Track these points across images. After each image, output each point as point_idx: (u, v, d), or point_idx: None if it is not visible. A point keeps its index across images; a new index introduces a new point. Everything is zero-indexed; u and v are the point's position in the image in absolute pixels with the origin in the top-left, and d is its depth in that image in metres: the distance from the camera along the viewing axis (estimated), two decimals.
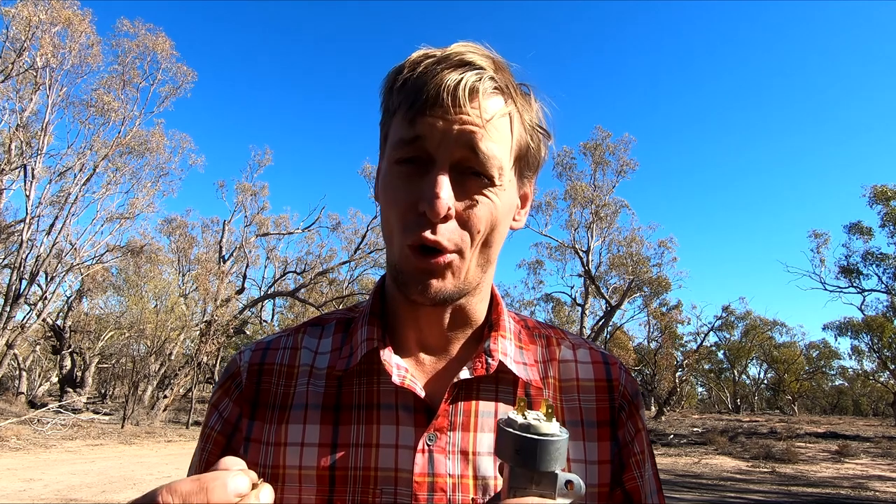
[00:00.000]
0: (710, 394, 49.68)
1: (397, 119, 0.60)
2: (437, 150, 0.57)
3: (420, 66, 0.58)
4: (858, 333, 28.38)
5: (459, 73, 0.56)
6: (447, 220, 0.57)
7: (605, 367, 0.69)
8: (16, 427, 12.80)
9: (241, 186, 25.28)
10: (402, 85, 0.59)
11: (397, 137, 0.59)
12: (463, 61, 0.57)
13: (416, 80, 0.57)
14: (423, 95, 0.56)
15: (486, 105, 0.58)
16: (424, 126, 0.57)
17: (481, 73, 0.58)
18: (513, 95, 0.60)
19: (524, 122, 0.62)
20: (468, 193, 0.58)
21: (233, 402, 0.66)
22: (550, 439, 0.40)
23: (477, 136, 0.57)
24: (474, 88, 0.57)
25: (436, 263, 0.58)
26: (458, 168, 0.58)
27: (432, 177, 0.56)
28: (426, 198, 0.56)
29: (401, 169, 0.59)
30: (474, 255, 0.61)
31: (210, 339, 19.54)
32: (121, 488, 7.97)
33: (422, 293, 0.59)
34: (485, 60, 0.59)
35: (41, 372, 26.34)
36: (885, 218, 20.90)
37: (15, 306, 15.12)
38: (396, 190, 0.59)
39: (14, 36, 14.37)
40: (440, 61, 0.58)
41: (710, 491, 9.57)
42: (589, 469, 0.63)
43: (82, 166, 16.67)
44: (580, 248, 24.60)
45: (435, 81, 0.56)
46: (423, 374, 0.66)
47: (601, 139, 24.47)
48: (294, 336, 0.70)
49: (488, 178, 0.58)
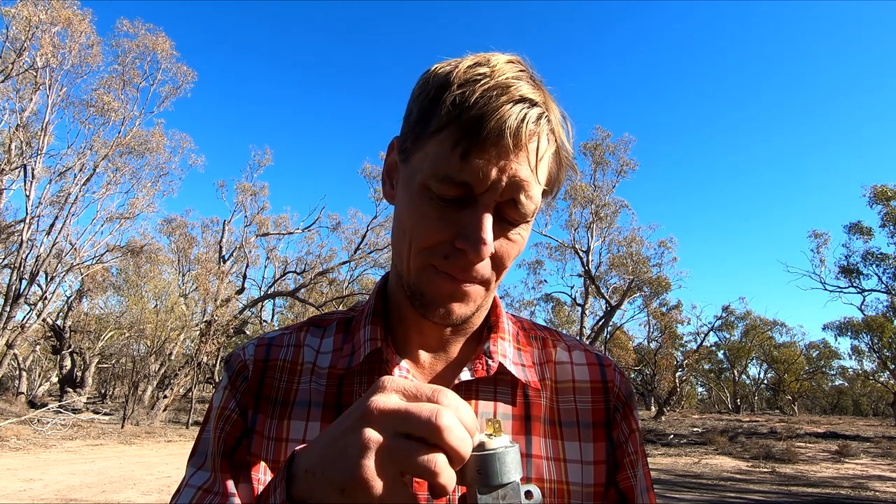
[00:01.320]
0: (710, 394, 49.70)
1: (442, 143, 0.55)
2: (484, 193, 0.55)
3: (476, 91, 0.53)
4: (858, 333, 28.41)
5: (520, 109, 0.54)
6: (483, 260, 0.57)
7: (600, 369, 0.70)
8: (16, 427, 12.80)
9: (241, 186, 25.31)
10: (454, 105, 0.54)
11: (443, 171, 0.54)
12: (524, 96, 0.54)
13: (474, 108, 0.53)
14: (483, 132, 0.52)
15: (539, 147, 0.56)
16: (477, 168, 0.53)
17: (541, 112, 0.56)
18: (555, 131, 0.59)
19: (562, 158, 0.61)
20: (504, 232, 0.58)
21: (241, 394, 0.66)
22: (506, 450, 0.42)
23: (525, 185, 0.55)
24: (534, 131, 0.55)
25: (461, 289, 0.58)
26: (499, 208, 0.57)
27: (477, 217, 0.55)
28: (470, 240, 0.54)
29: (439, 200, 0.56)
30: (497, 285, 0.63)
31: (210, 339, 19.54)
32: (121, 488, 7.98)
33: (444, 318, 0.59)
34: (537, 93, 0.56)
35: (41, 372, 26.35)
36: (885, 218, 20.92)
37: (15, 306, 15.12)
38: (430, 220, 0.57)
39: (14, 36, 14.39)
40: (496, 88, 0.54)
41: (710, 491, 9.57)
42: (585, 469, 0.64)
43: (82, 166, 16.69)
44: (580, 248, 24.61)
45: (496, 117, 0.52)
46: (423, 374, 0.66)
47: (601, 139, 24.48)
48: (297, 334, 0.71)
49: (525, 221, 0.59)
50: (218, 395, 0.66)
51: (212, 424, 0.64)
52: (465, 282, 0.58)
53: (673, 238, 25.41)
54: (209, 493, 0.59)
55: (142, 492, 7.85)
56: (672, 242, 25.05)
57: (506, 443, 0.43)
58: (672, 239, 25.18)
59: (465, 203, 0.56)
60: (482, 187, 0.54)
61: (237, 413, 0.64)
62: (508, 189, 0.55)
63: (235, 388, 0.66)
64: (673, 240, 25.17)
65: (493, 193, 0.55)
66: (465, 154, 0.53)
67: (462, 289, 0.58)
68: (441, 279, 0.57)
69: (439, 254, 0.57)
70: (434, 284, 0.58)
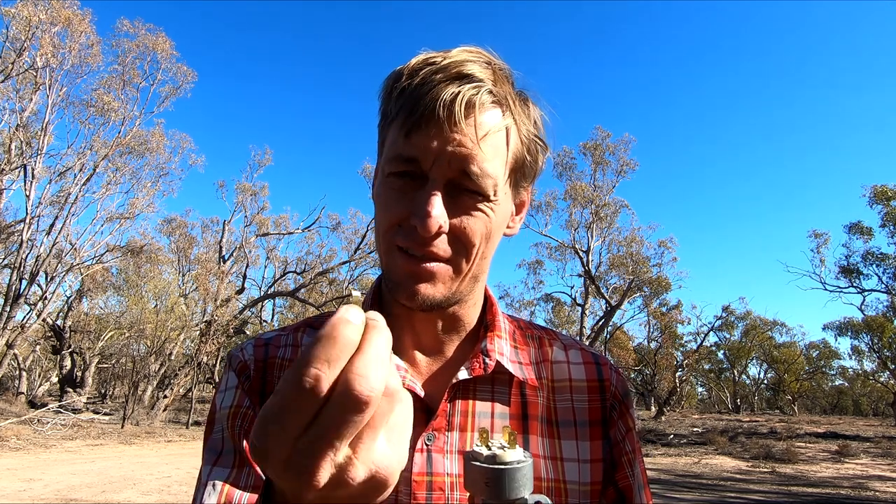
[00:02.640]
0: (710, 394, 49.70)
1: (394, 128, 0.59)
2: (430, 169, 0.57)
3: (419, 76, 0.57)
4: (858, 333, 28.42)
5: (457, 86, 0.55)
6: (438, 236, 0.57)
7: (597, 368, 0.70)
8: (16, 427, 12.80)
9: (241, 186, 25.30)
10: (401, 93, 0.58)
11: (393, 151, 0.58)
12: (462, 73, 0.56)
13: (414, 90, 0.56)
14: (420, 109, 0.55)
15: (482, 120, 0.57)
16: (419, 143, 0.56)
17: (479, 86, 0.56)
18: (511, 107, 0.59)
19: (521, 133, 0.61)
20: (463, 209, 0.59)
21: (245, 392, 0.66)
22: (517, 467, 0.41)
23: (469, 157, 0.56)
24: (471, 103, 0.56)
25: (424, 268, 0.58)
26: (452, 184, 0.58)
27: (425, 194, 0.56)
28: (418, 215, 0.56)
29: (395, 181, 0.59)
30: (470, 268, 0.61)
31: (210, 339, 19.54)
32: (121, 488, 7.97)
33: (410, 298, 0.59)
34: (484, 71, 0.58)
35: (41, 372, 26.34)
36: (886, 218, 20.91)
37: (15, 306, 15.12)
38: (389, 200, 0.59)
39: (14, 36, 14.38)
40: (438, 71, 0.56)
41: (710, 491, 9.57)
42: (582, 468, 0.64)
43: (82, 166, 16.68)
44: (580, 248, 24.60)
45: (432, 95, 0.55)
46: (420, 374, 0.66)
47: (601, 139, 24.48)
48: (294, 334, 0.71)
49: (482, 195, 0.59)
50: (228, 395, 0.66)
51: (224, 424, 0.63)
52: (425, 260, 0.58)
53: (673, 238, 25.42)
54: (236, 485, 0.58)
55: (142, 492, 7.85)
56: (672, 242, 25.09)
57: (519, 456, 0.42)
58: (672, 239, 25.23)
59: (419, 183, 0.58)
60: (427, 162, 0.57)
61: (252, 410, 0.64)
62: (454, 161, 0.56)
63: (241, 385, 0.66)
64: (673, 240, 25.22)
65: (440, 167, 0.57)
66: (408, 133, 0.57)
67: (424, 268, 0.58)
68: (403, 259, 0.58)
69: (399, 233, 0.59)
70: (397, 265, 0.59)
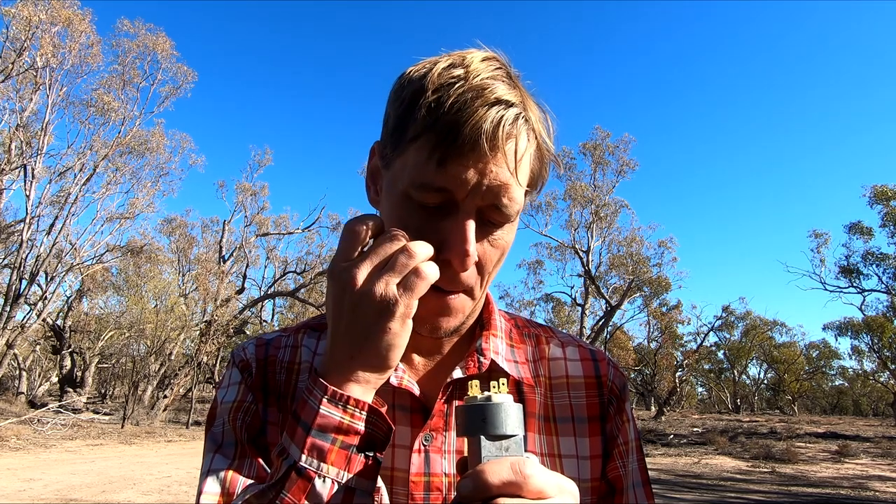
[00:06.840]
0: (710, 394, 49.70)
1: (419, 150, 0.54)
2: (465, 199, 0.54)
3: (450, 95, 0.52)
4: (858, 333, 28.42)
5: (496, 112, 0.52)
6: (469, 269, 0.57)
7: (594, 364, 0.70)
8: (16, 427, 12.80)
9: (241, 186, 25.32)
10: (429, 112, 0.53)
11: (422, 178, 0.54)
12: (499, 99, 0.53)
13: (448, 114, 0.52)
14: (458, 138, 0.52)
15: (517, 148, 0.55)
16: (456, 173, 0.53)
17: (518, 113, 0.54)
18: (534, 128, 0.57)
19: (543, 154, 0.60)
20: (487, 236, 0.57)
21: (248, 388, 0.66)
22: (512, 404, 0.44)
23: (504, 187, 0.54)
24: (510, 134, 0.53)
25: (449, 302, 0.58)
26: (481, 211, 0.56)
27: (460, 225, 0.54)
28: (455, 251, 0.53)
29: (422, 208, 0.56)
30: (483, 291, 0.62)
31: (210, 339, 19.55)
32: (121, 488, 7.98)
33: (433, 332, 0.59)
34: (514, 92, 0.55)
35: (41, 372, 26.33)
36: (886, 218, 20.92)
37: (15, 306, 15.12)
38: (412, 229, 0.55)
39: (14, 36, 14.38)
40: (469, 91, 0.53)
41: (710, 491, 9.57)
42: (581, 464, 0.64)
43: (82, 166, 16.70)
44: (580, 248, 24.61)
45: (471, 122, 0.51)
46: (416, 374, 0.66)
47: (601, 139, 24.49)
48: (294, 335, 0.71)
49: (508, 221, 0.58)
50: (231, 390, 0.66)
51: (226, 418, 0.63)
52: (451, 293, 0.57)
53: (673, 238, 25.48)
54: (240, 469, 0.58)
55: (142, 492, 7.85)
56: (672, 242, 25.13)
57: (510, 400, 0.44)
58: (672, 239, 25.28)
59: (447, 210, 0.55)
60: (462, 193, 0.53)
61: (255, 406, 0.64)
62: (489, 193, 0.54)
63: (246, 383, 0.66)
64: (673, 240, 25.27)
65: (474, 198, 0.54)
66: (442, 161, 0.52)
67: (449, 302, 0.58)
68: (428, 293, 0.53)
69: None
70: (421, 300, 0.53)
